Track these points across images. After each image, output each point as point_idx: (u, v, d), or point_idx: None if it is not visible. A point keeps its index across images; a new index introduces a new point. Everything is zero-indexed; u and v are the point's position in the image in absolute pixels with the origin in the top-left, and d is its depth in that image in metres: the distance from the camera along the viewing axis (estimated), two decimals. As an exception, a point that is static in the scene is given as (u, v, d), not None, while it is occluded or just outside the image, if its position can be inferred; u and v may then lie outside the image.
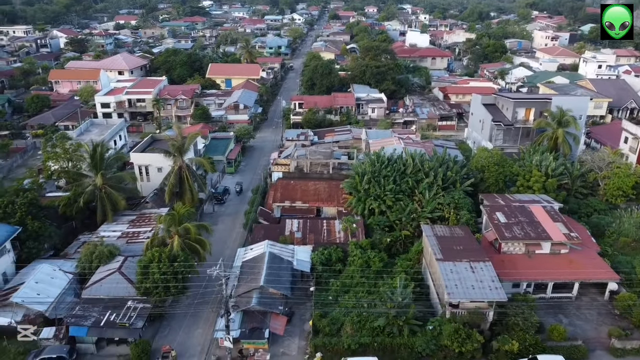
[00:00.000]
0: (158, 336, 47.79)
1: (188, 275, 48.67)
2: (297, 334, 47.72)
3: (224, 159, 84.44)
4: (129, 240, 58.32)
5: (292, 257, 54.79)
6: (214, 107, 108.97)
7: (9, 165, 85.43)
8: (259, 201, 69.36)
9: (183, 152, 65.73)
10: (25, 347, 45.41)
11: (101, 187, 61.80)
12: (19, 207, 55.31)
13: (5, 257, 52.93)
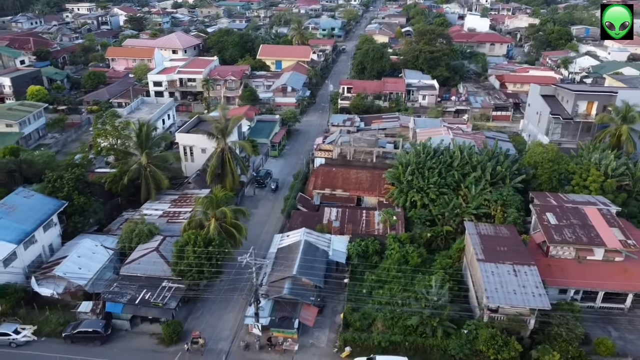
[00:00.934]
0: (190, 317, 48.30)
1: (222, 259, 48.62)
2: (327, 326, 46.93)
3: (269, 142, 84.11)
4: (170, 220, 59.12)
5: (328, 246, 53.82)
6: (263, 89, 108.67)
7: (64, 139, 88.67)
8: (299, 187, 68.61)
9: (226, 134, 65.74)
10: (65, 319, 46.99)
11: (146, 165, 62.85)
12: (67, 182, 57.00)
13: (52, 230, 54.86)
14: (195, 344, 43.55)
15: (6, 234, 49.23)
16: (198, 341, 43.70)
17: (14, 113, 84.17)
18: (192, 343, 43.58)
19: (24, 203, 53.86)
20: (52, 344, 45.22)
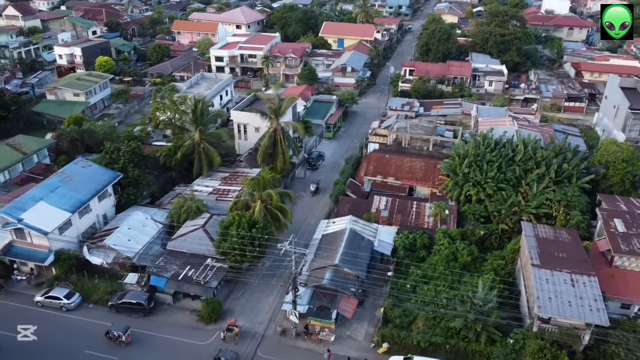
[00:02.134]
0: (231, 297, 48.54)
1: (265, 243, 48.21)
2: (366, 319, 45.72)
3: (323, 124, 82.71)
4: (219, 198, 59.48)
5: (374, 237, 52.23)
6: (322, 68, 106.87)
7: (127, 110, 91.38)
8: (350, 172, 67.05)
9: (279, 114, 64.97)
10: (112, 288, 48.52)
11: (199, 142, 63.37)
12: (123, 155, 58.43)
13: (107, 201, 56.60)
14: (230, 331, 43.26)
15: (63, 203, 51.19)
16: (233, 329, 43.42)
17: (82, 83, 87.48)
18: (227, 330, 43.32)
19: (81, 173, 55.75)
20: (98, 311, 46.90)
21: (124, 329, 43.23)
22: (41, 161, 65.04)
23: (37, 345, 43.07)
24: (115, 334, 42.94)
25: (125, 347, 42.57)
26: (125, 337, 42.78)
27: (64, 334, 44.11)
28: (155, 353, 42.36)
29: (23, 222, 47.75)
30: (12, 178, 60.56)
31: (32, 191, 51.38)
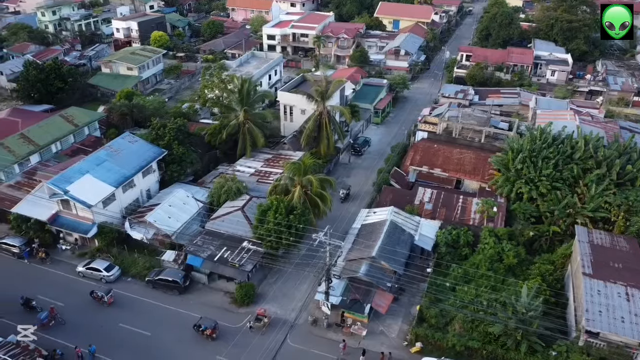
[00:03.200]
0: (265, 282, 48.18)
1: (302, 230, 47.29)
2: (400, 316, 44.26)
3: (372, 108, 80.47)
4: (260, 180, 59.04)
5: (416, 230, 50.33)
6: (375, 50, 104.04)
7: (178, 86, 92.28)
8: (395, 161, 64.89)
9: (325, 97, 63.44)
10: (150, 264, 49.20)
11: (244, 122, 62.92)
12: (169, 132, 58.72)
13: (151, 176, 57.25)
14: (259, 321, 42.67)
15: (108, 176, 52.09)
16: (262, 319, 42.79)
17: (135, 57, 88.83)
18: (256, 320, 42.72)
19: (128, 147, 56.52)
20: (136, 285, 47.74)
21: (106, 290, 45.66)
22: (92, 134, 66.61)
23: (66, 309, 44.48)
24: (99, 294, 45.40)
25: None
26: (107, 298, 45.17)
27: (100, 306, 45.11)
28: (187, 331, 42.62)
29: (69, 194, 48.91)
30: (64, 149, 62.33)
31: (80, 164, 52.54)
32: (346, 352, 40.56)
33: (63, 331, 42.26)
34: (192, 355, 40.69)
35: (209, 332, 41.68)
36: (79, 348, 39.44)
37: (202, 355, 40.53)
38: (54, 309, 42.98)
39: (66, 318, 43.58)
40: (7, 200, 53.02)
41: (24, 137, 58.90)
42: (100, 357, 40.04)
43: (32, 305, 43.45)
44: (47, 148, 59.98)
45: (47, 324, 42.08)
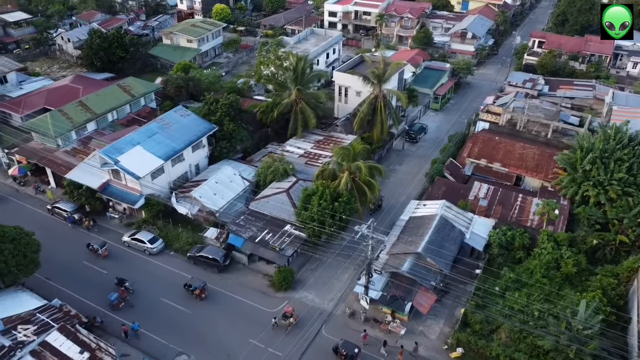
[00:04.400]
0: (305, 268, 47.08)
1: (347, 218, 45.63)
2: (443, 317, 42.00)
3: (431, 94, 76.85)
4: (309, 162, 57.60)
5: (467, 228, 47.46)
6: (440, 31, 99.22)
7: (235, 60, 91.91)
8: (452, 151, 61.55)
9: (382, 80, 60.75)
10: (193, 240, 49.21)
11: (296, 101, 61.44)
12: (221, 107, 58.16)
13: (200, 151, 57.13)
14: (285, 319, 40.60)
15: (158, 149, 52.29)
16: (289, 318, 40.63)
17: (196, 30, 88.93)
18: (283, 317, 40.77)
19: (179, 121, 56.50)
20: (177, 259, 47.94)
21: (101, 243, 47.99)
22: (148, 104, 67.34)
23: (109, 277, 45.23)
24: (94, 246, 47.64)
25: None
26: (102, 251, 47.50)
27: (141, 278, 45.61)
28: (223, 311, 42.40)
29: (119, 164, 49.45)
30: (120, 118, 63.36)
31: (131, 135, 52.99)
32: (366, 342, 39.37)
33: (127, 312, 42.26)
34: (227, 336, 40.35)
35: (197, 292, 43.10)
36: (125, 326, 39.77)
37: (236, 337, 40.08)
38: (124, 291, 43.11)
39: (112, 287, 44.36)
40: (63, 166, 54.46)
41: (82, 104, 60.19)
42: (143, 332, 40.40)
43: (125, 286, 43.37)
44: (103, 117, 61.11)
45: (116, 305, 42.13)
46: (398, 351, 38.46)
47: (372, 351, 39.10)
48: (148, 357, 37.95)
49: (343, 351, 37.57)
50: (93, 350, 34.84)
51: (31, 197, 56.26)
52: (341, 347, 37.83)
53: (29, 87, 72.67)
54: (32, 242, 41.30)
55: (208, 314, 42.22)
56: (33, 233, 42.40)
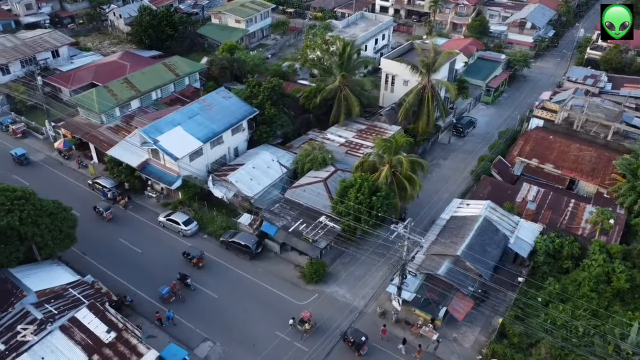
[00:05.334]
0: (338, 261, 45.76)
1: (384, 213, 43.81)
2: (479, 325, 39.83)
3: (484, 86, 73.15)
4: (349, 151, 55.97)
5: (512, 232, 44.77)
6: (497, 19, 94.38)
7: (282, 43, 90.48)
8: (501, 149, 58.31)
9: (431, 70, 57.99)
10: (227, 224, 48.72)
11: (341, 87, 59.62)
12: (263, 91, 57.08)
13: (240, 135, 56.41)
14: (302, 325, 38.56)
15: (197, 131, 51.84)
16: (305, 324, 38.51)
17: (244, 10, 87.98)
18: (299, 322, 38.66)
19: (220, 103, 55.84)
20: (210, 244, 47.58)
21: (105, 207, 50.06)
22: (192, 84, 67.11)
23: (142, 258, 45.71)
24: (100, 209, 49.74)
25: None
26: (106, 214, 49.50)
27: (173, 260, 45.55)
28: (251, 300, 41.74)
29: (158, 144, 49.32)
30: (163, 97, 63.43)
31: (172, 115, 52.74)
32: (385, 337, 38.30)
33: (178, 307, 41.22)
34: (254, 326, 39.69)
35: (195, 260, 44.29)
36: (159, 313, 39.53)
37: (263, 328, 39.39)
38: (176, 285, 41.82)
39: (145, 266, 44.54)
40: (105, 142, 55.00)
41: (127, 81, 60.48)
42: (177, 319, 40.24)
43: (186, 282, 42.14)
44: (147, 95, 61.30)
45: (167, 298, 40.90)
46: (416, 350, 37.12)
47: (390, 347, 37.95)
48: (173, 341, 37.76)
49: (351, 338, 37.16)
50: (120, 331, 34.90)
51: (74, 171, 57.28)
52: (349, 334, 37.35)
53: (79, 62, 73.95)
54: (69, 217, 41.74)
55: (236, 301, 41.66)
56: (71, 208, 42.92)
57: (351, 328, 37.75)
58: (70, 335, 34.40)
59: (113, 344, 34.17)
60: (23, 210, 37.88)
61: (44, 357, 33.04)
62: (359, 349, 36.88)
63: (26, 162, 57.80)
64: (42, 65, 71.06)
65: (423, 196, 50.95)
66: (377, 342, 38.28)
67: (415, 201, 48.58)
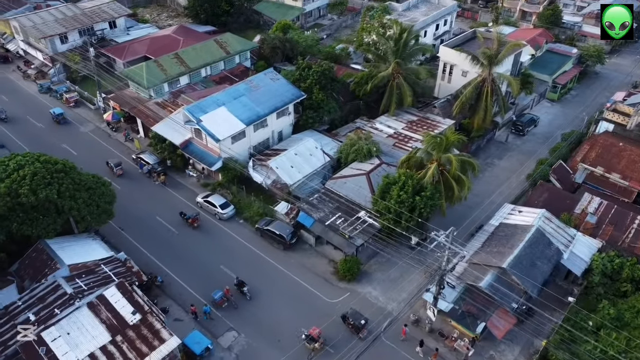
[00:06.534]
0: (374, 260, 43.73)
1: (427, 216, 41.19)
2: (520, 344, 36.94)
3: (550, 81, 67.89)
4: (397, 144, 53.39)
5: (566, 246, 41.11)
6: (571, 9, 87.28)
7: (339, 23, 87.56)
8: (563, 153, 53.82)
9: (493, 62, 53.96)
10: (263, 211, 47.55)
11: (394, 75, 56.66)
12: (312, 74, 55.05)
13: (285, 118, 54.81)
14: (310, 342, 35.91)
15: (241, 112, 50.64)
16: (314, 342, 35.82)
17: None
18: (307, 339, 36.01)
19: (268, 85, 54.30)
20: (245, 230, 46.70)
21: (116, 163, 52.45)
22: (242, 63, 65.87)
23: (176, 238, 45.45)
24: (111, 164, 52.18)
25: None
26: (117, 170, 51.89)
27: (207, 243, 44.98)
28: (280, 292, 40.54)
29: (201, 123, 48.51)
30: (212, 74, 62.56)
31: (218, 94, 51.72)
32: (405, 337, 36.97)
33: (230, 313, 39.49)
34: (280, 321, 38.50)
35: (190, 220, 46.26)
36: (194, 306, 38.58)
37: (290, 324, 38.09)
38: (229, 290, 39.60)
39: (179, 247, 44.22)
40: (151, 117, 54.84)
41: (178, 57, 59.90)
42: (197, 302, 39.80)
43: (243, 290, 39.77)
44: (196, 71, 60.54)
45: (220, 303, 39.01)
46: (432, 353, 35.44)
47: (407, 349, 36.40)
48: (198, 328, 37.18)
49: (351, 320, 37.19)
50: (145, 313, 34.55)
51: (120, 144, 57.73)
52: (350, 316, 37.44)
53: (135, 34, 74.27)
54: (108, 193, 41.71)
55: (265, 292, 40.56)
56: (110, 183, 42.96)
57: (352, 309, 37.85)
58: (97, 313, 34.36)
59: (137, 326, 33.90)
60: (62, 183, 38.01)
61: (69, 333, 33.19)
62: (359, 331, 36.93)
63: (63, 121, 60.71)
64: (99, 35, 71.82)
65: (472, 197, 47.91)
66: (394, 342, 36.75)
67: (462, 202, 45.50)
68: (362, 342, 36.63)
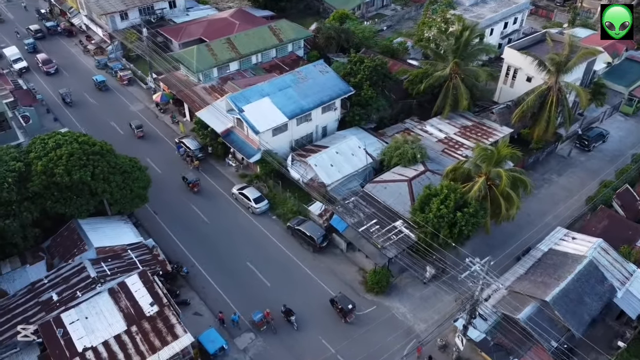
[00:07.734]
0: (406, 274, 41.16)
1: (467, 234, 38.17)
2: (556, 388, 33.60)
3: (626, 93, 61.80)
4: (446, 149, 50.17)
5: (623, 283, 36.97)
6: (662, 14, 78.97)
7: (401, 15, 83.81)
8: (632, 176, 48.67)
9: (562, 70, 49.35)
10: (297, 209, 46.05)
11: (451, 75, 53.19)
12: (363, 70, 52.61)
13: (331, 113, 52.81)
14: None
15: (285, 105, 49.09)
16: None
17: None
18: None
19: (316, 77, 52.36)
20: (277, 227, 45.49)
21: (137, 125, 54.92)
22: (294, 51, 64.11)
23: (208, 228, 44.84)
24: (133, 126, 55.01)
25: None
26: (137, 132, 54.70)
27: (236, 236, 44.09)
28: (305, 297, 39.00)
29: (243, 114, 47.39)
30: (263, 62, 61.23)
31: (263, 84, 50.34)
32: (420, 355, 34.94)
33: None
34: (303, 326, 36.98)
35: (191, 185, 48.07)
36: (222, 313, 37.40)
37: (311, 333, 36.62)
38: (270, 313, 37.22)
39: (209, 238, 43.60)
40: (197, 102, 54.33)
41: (229, 42, 58.93)
42: (218, 296, 39.06)
43: (290, 319, 37.06)
44: (247, 58, 59.37)
45: (259, 325, 36.81)
46: None
47: None
48: (215, 327, 36.35)
49: (339, 305, 37.35)
50: (163, 306, 34.11)
51: (166, 126, 57.84)
52: (338, 300, 37.61)
53: (194, 14, 74.13)
54: (143, 177, 41.60)
55: (289, 295, 38.95)
56: (146, 168, 42.79)
57: (340, 294, 38.07)
58: (116, 300, 34.30)
59: (153, 318, 33.53)
60: (97, 166, 38.07)
61: (87, 317, 33.27)
62: (346, 316, 37.11)
63: (105, 88, 63.68)
64: (159, 14, 72.16)
65: (523, 215, 44.43)
66: (409, 357, 34.62)
67: (511, 221, 41.95)
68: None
